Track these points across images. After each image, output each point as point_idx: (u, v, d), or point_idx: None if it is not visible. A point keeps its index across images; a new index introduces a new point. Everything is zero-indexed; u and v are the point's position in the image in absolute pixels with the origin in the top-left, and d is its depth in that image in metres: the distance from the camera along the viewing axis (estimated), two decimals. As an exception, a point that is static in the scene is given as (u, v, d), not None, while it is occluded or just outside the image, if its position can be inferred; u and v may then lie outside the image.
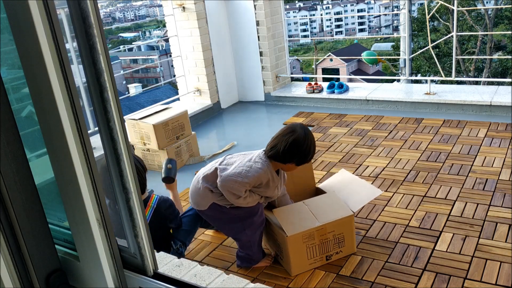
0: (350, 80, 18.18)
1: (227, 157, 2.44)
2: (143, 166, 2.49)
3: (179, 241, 2.53)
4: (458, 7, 6.43)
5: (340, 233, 2.43)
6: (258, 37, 5.22)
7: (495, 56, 15.03)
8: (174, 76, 5.48)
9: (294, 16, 49.75)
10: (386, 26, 48.49)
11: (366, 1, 52.28)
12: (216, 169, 2.36)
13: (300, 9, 52.17)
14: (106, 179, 1.21)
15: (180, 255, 2.49)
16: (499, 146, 3.60)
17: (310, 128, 4.45)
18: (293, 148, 2.28)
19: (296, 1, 53.06)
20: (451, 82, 5.61)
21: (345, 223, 2.42)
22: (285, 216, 2.43)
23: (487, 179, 3.13)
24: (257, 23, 5.16)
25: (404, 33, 6.11)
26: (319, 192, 2.76)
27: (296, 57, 15.11)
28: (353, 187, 2.68)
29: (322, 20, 53.51)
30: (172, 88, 21.30)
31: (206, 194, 2.38)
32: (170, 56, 5.40)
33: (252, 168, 2.28)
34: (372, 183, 3.25)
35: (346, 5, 53.03)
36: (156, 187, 2.82)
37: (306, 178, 2.81)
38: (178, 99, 5.36)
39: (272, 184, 2.36)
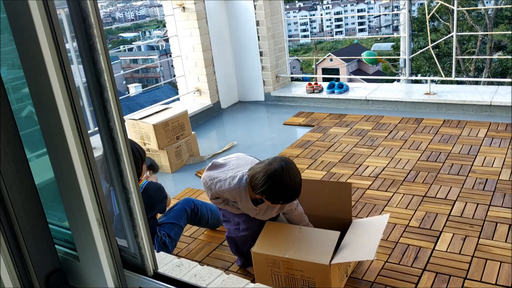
0: (350, 80, 18.17)
1: (233, 156, 2.42)
2: (141, 156, 2.50)
3: (164, 231, 2.57)
4: (458, 7, 6.43)
5: (310, 278, 2.14)
6: (258, 37, 5.22)
7: (495, 56, 15.03)
8: (174, 76, 5.48)
9: (294, 16, 49.74)
10: (386, 26, 48.48)
11: (366, 1, 52.26)
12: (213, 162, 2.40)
13: (300, 9, 52.16)
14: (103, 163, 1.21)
15: (164, 244, 2.52)
16: (499, 146, 3.60)
17: (310, 128, 4.45)
18: (262, 177, 2.09)
19: (296, 1, 53.04)
20: (451, 82, 5.60)
21: (316, 270, 2.11)
22: (269, 232, 2.33)
23: (487, 179, 3.13)
24: (257, 23, 5.17)
25: (404, 33, 6.11)
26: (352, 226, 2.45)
27: (296, 57, 15.11)
28: (363, 239, 2.30)
29: (322, 20, 53.50)
30: (172, 88, 21.31)
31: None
32: (170, 56, 5.40)
33: (225, 181, 2.24)
34: (372, 183, 3.26)
35: (346, 5, 53.01)
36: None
37: (341, 208, 2.51)
38: (178, 99, 5.36)
39: (241, 204, 2.27)
